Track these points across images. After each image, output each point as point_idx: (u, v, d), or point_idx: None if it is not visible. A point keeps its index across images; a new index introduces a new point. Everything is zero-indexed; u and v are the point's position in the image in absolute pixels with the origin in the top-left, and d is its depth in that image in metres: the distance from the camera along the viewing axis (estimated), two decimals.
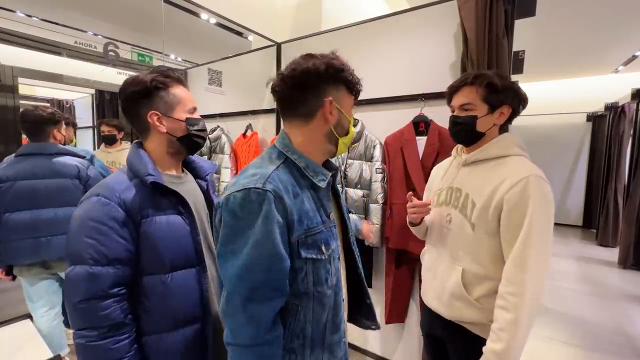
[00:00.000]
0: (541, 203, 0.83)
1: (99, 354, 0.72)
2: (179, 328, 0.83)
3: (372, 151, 1.81)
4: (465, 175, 0.99)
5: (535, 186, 0.83)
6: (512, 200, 0.84)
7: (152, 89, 0.84)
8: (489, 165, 0.94)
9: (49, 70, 2.50)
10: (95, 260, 0.73)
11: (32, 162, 1.61)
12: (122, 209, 0.77)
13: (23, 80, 2.47)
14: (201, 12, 2.15)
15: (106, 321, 0.72)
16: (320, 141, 0.76)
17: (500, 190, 0.86)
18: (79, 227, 0.75)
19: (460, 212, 0.96)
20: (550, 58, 4.49)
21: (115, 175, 0.84)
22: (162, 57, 2.26)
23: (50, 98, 4.23)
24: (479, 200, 0.91)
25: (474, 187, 0.94)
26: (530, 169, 0.86)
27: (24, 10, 2.21)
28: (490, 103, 0.93)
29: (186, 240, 0.85)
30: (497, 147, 0.94)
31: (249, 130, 2.45)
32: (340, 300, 0.77)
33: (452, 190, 1.01)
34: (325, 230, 0.73)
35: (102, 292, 0.72)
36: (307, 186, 0.73)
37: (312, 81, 0.70)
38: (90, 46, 2.41)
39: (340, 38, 2.01)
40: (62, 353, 1.79)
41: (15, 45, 2.31)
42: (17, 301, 2.23)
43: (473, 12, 1.42)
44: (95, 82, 2.77)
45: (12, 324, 1.43)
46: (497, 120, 0.95)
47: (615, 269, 3.72)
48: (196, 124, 0.89)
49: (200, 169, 1.02)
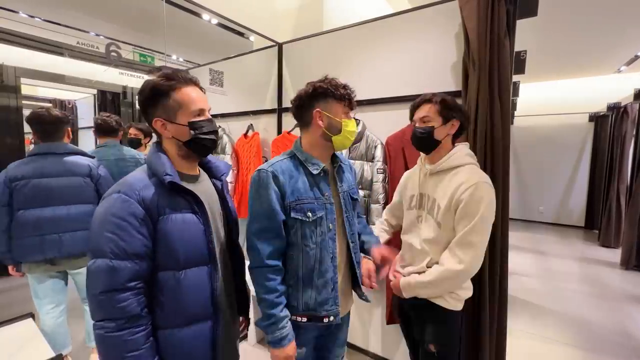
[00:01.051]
0: (489, 203, 1.07)
1: (116, 344, 0.75)
2: (190, 324, 0.86)
3: (374, 151, 1.81)
4: (431, 184, 1.21)
5: (485, 190, 1.07)
6: (465, 199, 1.07)
7: (152, 96, 0.85)
8: (449, 174, 1.16)
9: (51, 70, 2.51)
10: (115, 254, 0.76)
11: (45, 161, 1.65)
12: (141, 206, 0.80)
13: (26, 80, 2.48)
14: (203, 13, 2.16)
15: (124, 313, 0.75)
16: (318, 141, 1.06)
17: (457, 193, 1.09)
18: (101, 223, 0.78)
19: (429, 213, 1.20)
20: (552, 58, 4.48)
21: (136, 174, 0.87)
22: (164, 57, 2.26)
23: (52, 98, 4.24)
24: (442, 203, 1.13)
25: (438, 193, 1.16)
26: (480, 176, 1.10)
27: (26, 11, 2.22)
28: (444, 116, 1.16)
29: (200, 239, 0.88)
30: (453, 159, 1.17)
31: (251, 131, 2.46)
32: (326, 255, 1.04)
33: (423, 196, 1.24)
34: (315, 203, 1.02)
35: (120, 285, 0.76)
36: (305, 173, 1.05)
37: (304, 101, 1.04)
38: (93, 47, 2.42)
39: (342, 38, 2.01)
40: (66, 351, 1.80)
41: (18, 46, 2.32)
42: (19, 300, 2.24)
43: (475, 12, 1.42)
44: (97, 82, 2.78)
45: (15, 323, 1.44)
46: (450, 131, 1.19)
47: (618, 270, 3.71)
48: (201, 128, 0.88)
49: (215, 169, 1.05)
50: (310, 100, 1.03)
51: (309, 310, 1.04)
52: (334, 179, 1.11)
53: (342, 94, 1.01)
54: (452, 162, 1.17)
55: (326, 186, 1.06)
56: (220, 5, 2.10)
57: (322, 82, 1.02)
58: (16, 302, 2.28)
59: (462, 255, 1.07)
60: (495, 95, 1.40)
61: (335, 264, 1.06)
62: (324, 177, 1.06)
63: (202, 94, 0.92)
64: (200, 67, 2.80)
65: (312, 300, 1.04)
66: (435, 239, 1.15)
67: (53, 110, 1.70)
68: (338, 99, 1.02)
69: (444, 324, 1.19)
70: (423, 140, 1.20)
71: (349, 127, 1.04)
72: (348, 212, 1.12)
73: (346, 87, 1.03)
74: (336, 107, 1.02)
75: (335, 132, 1.03)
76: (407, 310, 1.33)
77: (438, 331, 1.19)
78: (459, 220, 1.09)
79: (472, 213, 1.06)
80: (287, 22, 2.79)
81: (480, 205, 1.05)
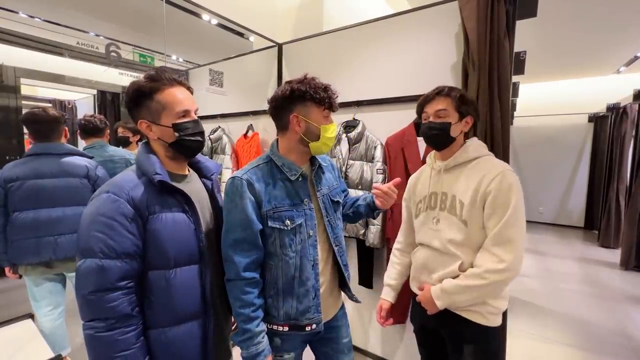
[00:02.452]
0: (519, 191, 0.98)
1: (106, 344, 0.75)
2: (181, 323, 0.86)
3: (373, 152, 1.81)
4: (447, 180, 1.10)
5: (513, 177, 0.99)
6: (493, 191, 0.98)
7: (136, 97, 0.85)
8: (467, 167, 1.07)
9: (51, 71, 2.50)
10: (105, 253, 0.76)
11: (41, 161, 1.62)
12: (130, 206, 0.79)
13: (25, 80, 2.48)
14: (202, 13, 2.15)
15: (114, 313, 0.75)
16: (295, 146, 1.00)
17: (482, 185, 1.00)
18: (90, 223, 0.78)
19: (449, 212, 1.07)
20: (552, 59, 4.49)
21: (125, 174, 0.86)
22: (164, 57, 2.26)
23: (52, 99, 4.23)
24: (466, 199, 1.02)
25: (459, 189, 1.06)
26: (503, 165, 1.03)
27: (26, 11, 2.22)
28: (460, 112, 1.07)
29: (190, 238, 0.88)
30: (470, 151, 1.08)
31: (250, 131, 2.46)
32: (306, 262, 0.99)
33: (437, 195, 1.12)
34: (294, 210, 0.98)
35: (110, 284, 0.75)
36: (282, 178, 0.99)
37: (281, 103, 0.97)
38: (92, 47, 2.42)
39: (341, 39, 2.01)
40: (64, 353, 1.79)
41: (17, 46, 2.32)
42: (18, 301, 2.23)
43: (474, 13, 1.42)
44: (97, 82, 2.77)
45: (13, 323, 1.43)
46: (464, 128, 1.10)
47: (617, 271, 3.71)
48: (185, 129, 0.87)
49: (205, 168, 1.05)
50: (287, 103, 0.96)
51: (290, 319, 1.00)
52: (312, 183, 1.06)
53: (321, 97, 0.94)
54: (470, 154, 1.07)
55: (305, 192, 1.02)
56: (220, 5, 2.10)
57: (300, 84, 0.95)
58: (15, 303, 2.27)
59: (501, 253, 0.95)
60: (495, 96, 1.40)
61: (317, 271, 1.02)
62: (302, 182, 1.02)
63: (189, 94, 0.91)
64: (200, 68, 2.80)
65: (293, 310, 0.99)
66: (464, 240, 1.03)
67: (49, 110, 1.67)
68: (317, 103, 0.95)
69: (486, 343, 1.05)
70: (438, 137, 1.09)
71: (327, 133, 0.98)
72: (329, 216, 1.07)
73: (327, 89, 0.96)
74: (315, 111, 0.96)
75: (314, 138, 0.97)
76: (433, 329, 1.16)
77: (480, 353, 1.05)
78: (490, 215, 0.98)
79: (504, 204, 0.96)
80: (287, 23, 2.79)
81: (511, 195, 0.96)
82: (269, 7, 2.76)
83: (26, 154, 1.65)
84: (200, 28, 2.47)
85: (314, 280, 1.01)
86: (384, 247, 1.81)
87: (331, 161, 1.22)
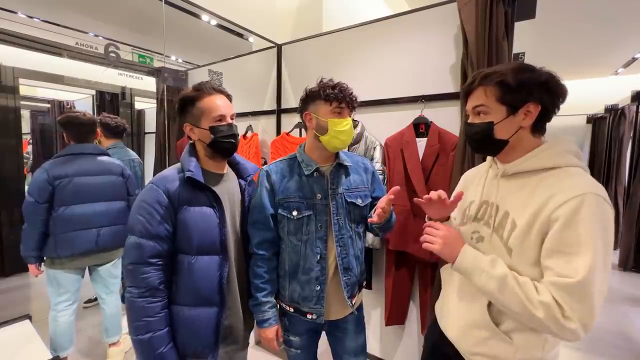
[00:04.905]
0: (603, 229, 0.67)
1: (137, 309, 0.91)
2: (198, 306, 0.98)
3: (372, 152, 1.81)
4: (505, 190, 0.82)
5: (597, 205, 0.66)
6: (561, 219, 0.67)
7: (183, 105, 1.02)
8: (534, 178, 0.77)
9: (50, 71, 2.50)
10: (142, 233, 0.92)
11: (82, 161, 1.78)
12: (165, 196, 0.94)
13: (24, 81, 2.47)
14: (202, 14, 2.16)
15: (145, 284, 0.91)
16: (313, 142, 1.11)
17: (548, 207, 0.70)
18: (136, 206, 0.94)
19: (495, 232, 0.80)
20: (550, 60, 4.49)
21: (169, 169, 1.02)
22: (163, 58, 2.26)
23: (51, 99, 4.22)
24: (520, 220, 0.74)
25: (516, 204, 0.77)
26: (591, 185, 0.69)
27: (25, 12, 2.22)
28: (508, 104, 0.77)
29: (213, 230, 0.99)
30: (545, 156, 0.77)
31: (250, 132, 2.46)
32: (311, 254, 1.07)
33: (487, 206, 0.85)
34: (303, 202, 1.07)
35: (144, 259, 0.91)
36: (300, 173, 1.10)
37: (300, 106, 1.12)
38: (92, 47, 2.42)
39: (341, 40, 2.01)
40: (68, 352, 1.81)
41: (16, 47, 2.31)
42: (17, 301, 2.23)
43: (473, 14, 1.43)
44: (96, 83, 2.77)
45: (13, 324, 1.43)
46: (524, 122, 0.78)
47: (616, 272, 3.71)
48: (220, 132, 1.00)
49: (243, 169, 1.18)
50: (303, 104, 1.10)
51: (294, 302, 1.11)
52: (329, 180, 1.11)
53: (328, 94, 1.02)
54: (541, 161, 0.77)
55: (320, 187, 1.09)
56: (219, 6, 2.11)
57: (315, 86, 1.07)
58: (13, 304, 2.27)
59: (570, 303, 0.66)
60: None
61: (323, 265, 1.08)
62: (318, 178, 1.10)
63: (227, 101, 1.05)
64: (199, 68, 2.80)
65: (296, 293, 1.10)
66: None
67: (87, 113, 1.84)
68: (324, 99, 1.03)
69: None
70: (479, 142, 0.83)
71: (337, 127, 1.03)
72: (339, 216, 1.09)
73: (336, 87, 1.03)
74: (324, 107, 1.04)
75: (323, 132, 1.05)
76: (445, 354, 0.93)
77: None
78: (550, 254, 0.69)
79: (574, 243, 0.66)
80: (287, 23, 2.80)
81: (589, 232, 0.65)
82: (269, 8, 2.77)
83: (62, 153, 1.76)
84: (200, 29, 2.47)
85: (318, 272, 1.08)
86: (383, 247, 1.81)
87: (368, 164, 1.23)
